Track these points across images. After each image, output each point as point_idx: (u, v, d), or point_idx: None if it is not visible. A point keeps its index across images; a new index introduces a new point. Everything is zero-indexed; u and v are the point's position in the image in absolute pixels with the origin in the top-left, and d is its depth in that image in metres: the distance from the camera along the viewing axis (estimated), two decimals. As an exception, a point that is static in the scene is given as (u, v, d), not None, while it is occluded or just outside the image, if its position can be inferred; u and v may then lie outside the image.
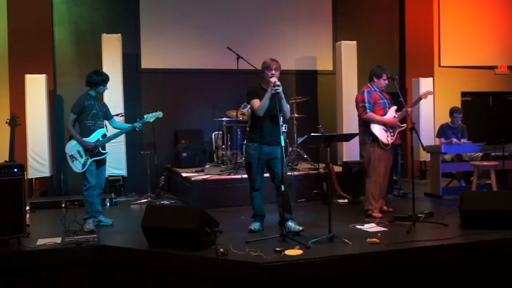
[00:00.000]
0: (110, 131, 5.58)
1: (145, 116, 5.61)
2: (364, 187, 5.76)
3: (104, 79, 5.39)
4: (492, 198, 5.01)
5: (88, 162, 5.24)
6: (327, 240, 4.43)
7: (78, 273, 4.41)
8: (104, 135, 5.39)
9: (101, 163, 5.42)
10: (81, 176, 5.36)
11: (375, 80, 5.68)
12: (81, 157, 5.24)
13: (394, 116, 5.62)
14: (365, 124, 5.62)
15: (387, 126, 5.56)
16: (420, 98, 5.95)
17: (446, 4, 9.16)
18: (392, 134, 5.58)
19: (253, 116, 5.03)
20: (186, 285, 4.18)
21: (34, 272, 4.31)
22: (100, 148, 5.34)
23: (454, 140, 7.23)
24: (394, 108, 5.67)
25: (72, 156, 5.23)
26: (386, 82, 5.69)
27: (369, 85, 5.71)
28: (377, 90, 5.68)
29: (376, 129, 5.52)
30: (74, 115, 5.27)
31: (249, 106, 5.38)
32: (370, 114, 5.54)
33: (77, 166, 5.24)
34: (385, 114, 5.60)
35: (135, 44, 8.26)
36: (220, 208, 6.13)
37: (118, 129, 5.59)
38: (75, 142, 5.24)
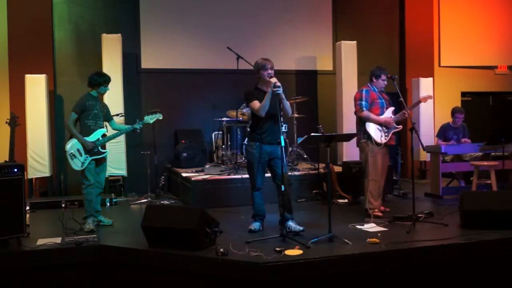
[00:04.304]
0: (110, 132, 5.61)
1: (145, 118, 5.68)
2: (364, 187, 5.76)
3: (106, 79, 5.44)
4: (492, 198, 5.01)
5: (87, 161, 5.28)
6: (327, 240, 4.43)
7: (78, 273, 4.42)
8: (104, 135, 5.43)
9: (101, 162, 5.45)
10: (80, 175, 5.38)
11: (374, 80, 5.75)
12: (81, 155, 5.27)
13: (391, 117, 5.64)
14: (361, 122, 5.68)
15: (382, 126, 5.58)
16: (419, 102, 6.02)
17: (446, 4, 9.15)
18: (386, 134, 5.61)
19: (253, 116, 5.04)
20: (186, 285, 4.18)
21: (34, 272, 4.31)
22: (99, 148, 5.37)
23: (451, 142, 7.23)
24: (391, 109, 5.71)
25: (72, 154, 5.28)
26: (385, 82, 5.74)
27: (369, 85, 5.78)
28: (376, 90, 5.73)
29: (371, 128, 5.57)
30: (75, 115, 5.32)
31: (248, 107, 5.37)
32: (366, 113, 5.58)
33: (76, 164, 5.28)
34: (382, 114, 5.64)
35: (135, 44, 8.26)
36: (220, 208, 6.13)
37: (118, 130, 5.62)
38: (75, 140, 5.29)
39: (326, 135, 4.86)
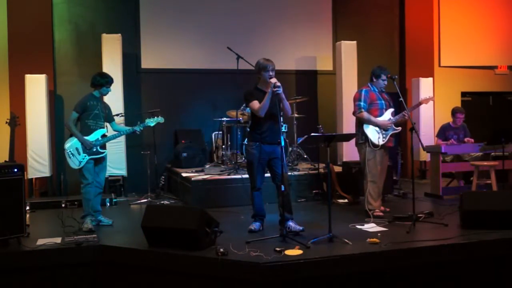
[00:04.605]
0: (110, 132, 5.62)
1: (146, 120, 5.70)
2: (364, 187, 5.75)
3: (108, 81, 5.47)
4: (492, 198, 5.01)
5: (85, 160, 5.30)
6: (327, 240, 4.43)
7: (78, 273, 4.42)
8: (103, 135, 5.45)
9: (100, 162, 5.47)
10: (79, 174, 5.40)
11: (374, 80, 5.70)
12: (79, 154, 5.29)
13: (390, 119, 5.60)
14: (359, 123, 5.65)
15: (380, 128, 5.56)
16: (420, 103, 5.96)
17: (446, 4, 9.16)
18: (384, 136, 5.57)
19: (253, 116, 5.03)
20: (186, 285, 4.18)
21: (34, 272, 4.31)
22: (98, 147, 5.38)
23: (451, 142, 7.23)
24: (391, 110, 5.67)
25: (70, 153, 5.32)
26: (385, 82, 5.69)
27: (369, 85, 5.74)
28: (376, 90, 5.69)
29: (369, 129, 5.54)
30: (76, 114, 5.35)
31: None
32: (363, 114, 5.55)
33: (74, 162, 5.31)
34: (381, 115, 5.60)
35: (135, 44, 8.26)
36: (220, 208, 6.13)
37: (118, 131, 5.64)
38: (75, 139, 5.31)
39: (326, 135, 4.85)
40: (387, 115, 5.63)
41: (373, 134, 5.54)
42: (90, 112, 5.36)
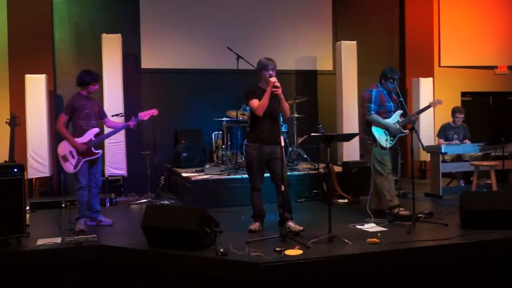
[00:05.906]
0: (105, 131, 5.56)
1: (139, 114, 5.56)
2: (364, 187, 5.73)
3: (94, 78, 5.32)
4: (492, 198, 5.01)
5: (81, 163, 5.24)
6: (327, 240, 4.43)
7: (78, 273, 4.42)
8: (97, 135, 5.36)
9: (94, 163, 5.40)
10: (73, 177, 5.38)
11: (383, 81, 5.62)
12: (73, 157, 5.24)
13: (398, 121, 5.57)
14: (367, 124, 5.60)
15: (389, 131, 5.53)
16: (429, 106, 5.87)
17: (446, 4, 9.16)
18: (392, 139, 5.54)
19: (252, 116, 5.02)
20: (186, 285, 4.18)
21: (34, 272, 4.31)
22: (92, 148, 5.31)
23: (455, 142, 7.23)
24: (399, 112, 5.62)
25: (64, 157, 5.26)
26: (394, 85, 5.60)
27: (378, 86, 5.65)
28: (386, 92, 5.62)
29: (377, 132, 5.49)
30: (65, 116, 5.27)
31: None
32: (373, 116, 5.49)
33: (68, 168, 5.27)
34: (388, 118, 5.56)
35: (135, 44, 8.26)
36: (220, 208, 6.13)
37: (112, 128, 5.57)
38: (67, 142, 5.25)
39: (326, 135, 4.85)
40: (395, 118, 5.59)
41: (381, 136, 5.49)
42: (80, 112, 5.25)
